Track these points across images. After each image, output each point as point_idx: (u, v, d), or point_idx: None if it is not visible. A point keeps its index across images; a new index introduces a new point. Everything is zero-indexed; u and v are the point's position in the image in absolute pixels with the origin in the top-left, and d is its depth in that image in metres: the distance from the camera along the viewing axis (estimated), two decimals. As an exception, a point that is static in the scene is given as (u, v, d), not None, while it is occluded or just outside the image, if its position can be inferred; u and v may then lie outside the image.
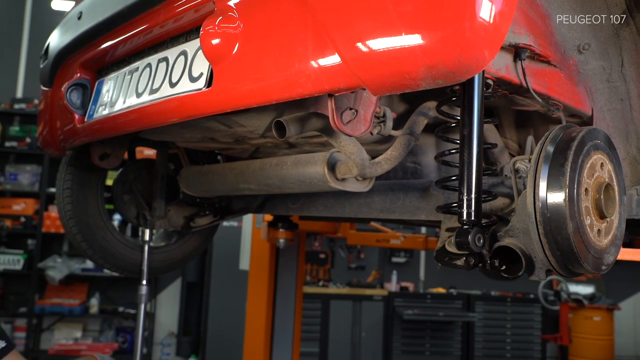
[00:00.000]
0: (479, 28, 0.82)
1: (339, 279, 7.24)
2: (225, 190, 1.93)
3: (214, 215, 2.34)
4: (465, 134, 1.16)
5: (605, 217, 1.12)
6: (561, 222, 1.02)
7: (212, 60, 1.14)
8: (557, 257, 1.06)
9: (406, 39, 0.85)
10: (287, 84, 1.02)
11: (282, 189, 1.69)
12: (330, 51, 0.95)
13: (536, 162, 1.07)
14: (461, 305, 6.85)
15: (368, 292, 6.79)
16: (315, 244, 7.44)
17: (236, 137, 1.73)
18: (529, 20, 1.31)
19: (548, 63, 1.41)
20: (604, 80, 1.52)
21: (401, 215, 1.73)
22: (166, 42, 1.42)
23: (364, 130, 1.17)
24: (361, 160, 1.39)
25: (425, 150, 1.85)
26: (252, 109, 1.34)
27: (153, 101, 1.35)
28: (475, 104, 1.15)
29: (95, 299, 6.51)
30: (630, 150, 1.52)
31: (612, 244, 1.16)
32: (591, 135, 1.12)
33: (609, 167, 1.17)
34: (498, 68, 1.27)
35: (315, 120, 1.24)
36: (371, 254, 7.69)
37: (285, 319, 3.62)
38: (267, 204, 2.29)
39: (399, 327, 6.69)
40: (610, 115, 1.53)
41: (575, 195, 1.04)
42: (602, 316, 6.64)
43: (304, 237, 3.80)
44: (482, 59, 0.85)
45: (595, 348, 6.55)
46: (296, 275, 3.68)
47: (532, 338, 6.96)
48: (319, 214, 2.03)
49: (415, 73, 0.86)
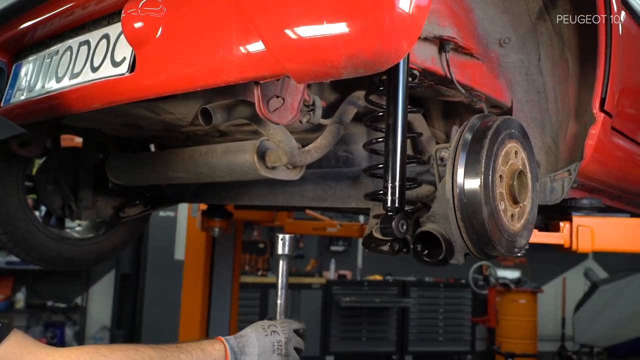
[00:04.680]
0: (397, 19, 0.85)
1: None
2: (155, 179, 1.89)
3: (144, 205, 2.28)
4: (391, 123, 1.19)
5: (518, 202, 1.19)
6: (477, 207, 1.08)
7: (134, 44, 1.11)
8: (474, 241, 1.11)
9: (328, 28, 0.86)
10: (211, 71, 1.01)
11: (213, 178, 1.67)
12: (254, 38, 0.95)
13: (455, 149, 1.12)
14: (397, 292, 7.03)
15: (307, 280, 6.85)
16: (254, 234, 7.41)
17: (165, 125, 1.69)
18: (453, 13, 1.36)
19: (471, 55, 1.47)
20: (522, 73, 1.59)
21: (333, 203, 1.76)
22: (88, 24, 1.37)
23: (291, 118, 1.17)
24: (290, 149, 1.39)
25: (356, 139, 1.88)
26: (178, 96, 1.31)
27: (74, 86, 1.30)
28: (400, 93, 1.19)
29: (22, 293, 6.21)
30: (545, 140, 1.61)
31: (525, 228, 1.23)
32: (506, 125, 1.18)
33: (522, 155, 1.23)
34: (424, 59, 1.30)
35: (243, 108, 1.23)
36: (310, 243, 7.74)
37: (221, 308, 3.60)
38: (200, 192, 2.26)
39: (337, 315, 6.79)
40: (528, 107, 1.61)
41: (490, 181, 1.09)
42: (527, 299, 7.00)
43: (241, 226, 3.78)
44: (401, 49, 0.87)
45: (520, 329, 6.91)
46: (233, 265, 3.66)
47: (462, 321, 7.25)
48: (252, 202, 2.03)
49: (337, 62, 0.87)
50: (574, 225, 1.69)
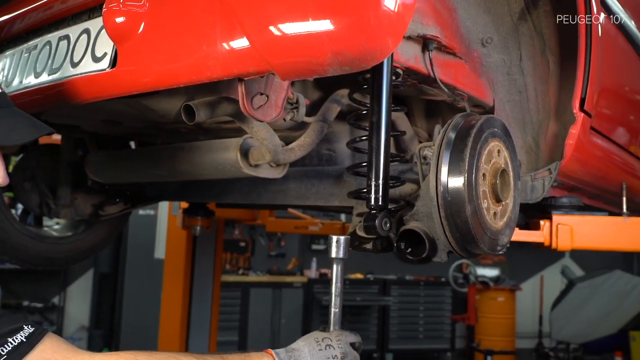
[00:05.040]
0: (383, 17, 0.85)
1: (259, 267, 7.23)
2: (135, 177, 1.87)
3: (124, 203, 2.25)
4: (374, 121, 1.19)
5: (500, 200, 1.20)
6: (460, 205, 1.08)
7: (116, 39, 1.10)
8: (457, 239, 1.12)
9: (314, 25, 0.86)
10: (195, 67, 1.00)
11: (195, 176, 1.66)
12: (239, 35, 0.94)
13: (439, 148, 1.12)
14: (377, 290, 7.06)
15: (288, 279, 6.84)
16: (236, 233, 7.37)
17: (146, 122, 1.67)
18: (436, 12, 1.36)
19: (454, 55, 1.48)
20: (504, 73, 1.61)
21: (316, 201, 1.76)
22: (67, 19, 1.34)
23: (275, 115, 1.17)
24: (274, 146, 1.39)
25: (340, 138, 1.88)
26: (161, 92, 1.30)
27: (53, 82, 1.27)
28: (384, 92, 1.19)
29: (-3, 293, 6.10)
30: (526, 139, 1.63)
31: (507, 226, 1.24)
32: (489, 124, 1.19)
33: (505, 153, 1.24)
34: (407, 58, 1.31)
35: (226, 105, 1.22)
36: (291, 242, 7.73)
37: (202, 308, 3.57)
38: (182, 191, 2.23)
39: (318, 313, 6.80)
40: (510, 106, 1.63)
41: (473, 179, 1.10)
42: (506, 297, 7.09)
43: (222, 224, 3.75)
44: (386, 47, 0.87)
45: (499, 327, 6.99)
46: (214, 264, 3.63)
47: (442, 319, 7.32)
48: (235, 200, 2.02)
49: (322, 59, 0.87)
50: (554, 224, 1.72)
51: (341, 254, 1.21)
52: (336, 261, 1.22)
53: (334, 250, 1.21)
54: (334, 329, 1.22)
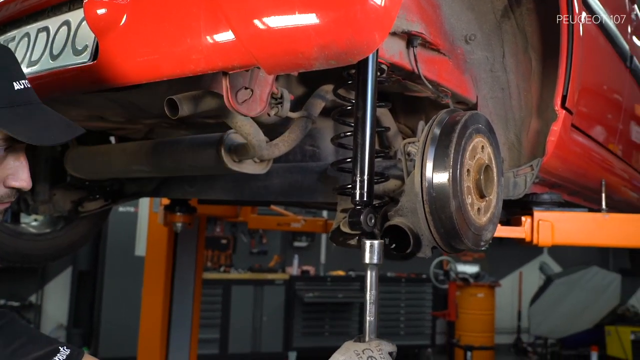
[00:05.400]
0: (370, 10, 0.84)
1: (240, 264, 7.21)
2: (116, 172, 1.84)
3: (104, 199, 2.22)
4: (359, 117, 1.19)
5: (484, 196, 1.20)
6: (445, 200, 1.09)
7: (97, 32, 1.07)
8: (441, 234, 1.12)
9: (300, 18, 0.85)
10: (179, 60, 0.99)
11: (178, 171, 1.64)
12: (224, 27, 0.93)
13: (424, 143, 1.12)
14: (359, 287, 7.08)
15: (270, 276, 6.83)
16: (217, 230, 7.33)
17: (128, 116, 1.65)
18: (421, 9, 1.37)
19: (438, 51, 1.48)
20: (487, 70, 1.62)
21: (299, 197, 1.75)
22: (47, 10, 1.31)
23: (260, 110, 1.16)
24: (258, 142, 1.37)
25: (323, 134, 1.88)
26: (143, 86, 1.28)
27: (31, 74, 1.24)
28: (369, 87, 1.18)
29: (-28, 292, 5.98)
30: (509, 136, 1.65)
31: (490, 222, 1.25)
32: (473, 120, 1.19)
33: (489, 149, 1.25)
34: (392, 54, 1.31)
35: (210, 99, 1.21)
36: (273, 239, 7.72)
37: (183, 305, 3.54)
38: (163, 187, 2.21)
39: (300, 310, 6.80)
40: (493, 103, 1.64)
41: (458, 175, 1.10)
42: (485, 293, 7.18)
43: (204, 221, 3.73)
44: (373, 41, 0.87)
45: (479, 322, 7.07)
46: (195, 261, 3.60)
47: (423, 315, 7.37)
48: (217, 197, 2.00)
49: (308, 52, 0.86)
50: (535, 220, 1.73)
51: (375, 259, 1.16)
52: (370, 267, 1.17)
53: (367, 256, 1.16)
54: (369, 338, 1.17)
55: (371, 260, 1.16)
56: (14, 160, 0.97)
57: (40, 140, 0.97)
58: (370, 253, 1.16)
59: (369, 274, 1.17)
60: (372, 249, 1.15)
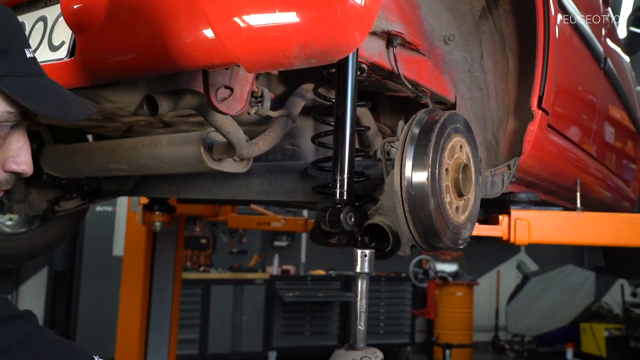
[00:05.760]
0: (350, 10, 0.85)
1: (220, 264, 7.17)
2: (93, 171, 1.82)
3: (81, 198, 2.19)
4: (339, 116, 1.19)
5: (463, 195, 1.22)
6: (424, 199, 1.10)
7: (74, 28, 1.06)
8: (420, 233, 1.13)
9: (280, 16, 0.85)
10: (158, 57, 0.98)
11: (156, 170, 1.62)
12: (203, 25, 0.92)
13: (403, 143, 1.13)
14: (339, 286, 7.10)
15: (250, 276, 6.80)
16: (197, 229, 7.28)
17: (105, 114, 1.63)
18: (400, 9, 1.38)
19: (417, 51, 1.49)
20: (466, 70, 1.64)
21: (280, 196, 1.75)
22: (22, 5, 1.29)
23: (240, 109, 1.16)
24: (238, 140, 1.37)
25: (304, 133, 1.88)
26: (121, 83, 1.27)
27: (6, 70, 1.22)
28: (349, 86, 1.19)
29: (-56, 293, 5.83)
30: (487, 135, 1.67)
31: (469, 220, 1.26)
32: (452, 119, 1.20)
33: (467, 149, 1.27)
34: (372, 53, 1.32)
35: (190, 98, 1.20)
36: (253, 239, 7.69)
37: (162, 306, 3.51)
38: (142, 186, 2.19)
39: (280, 310, 6.79)
40: (471, 103, 1.66)
41: (437, 174, 1.11)
42: (464, 291, 7.26)
43: (183, 220, 3.70)
44: (353, 41, 0.87)
45: (458, 321, 7.15)
46: (174, 260, 3.58)
47: (403, 314, 7.42)
48: (196, 196, 1.99)
49: (289, 51, 0.86)
50: (512, 218, 1.76)
51: (366, 269, 1.17)
52: (362, 276, 1.18)
53: (359, 265, 1.17)
54: (360, 345, 1.18)
55: (362, 269, 1.17)
56: (16, 140, 0.87)
57: (61, 114, 0.85)
58: (362, 262, 1.17)
59: (360, 283, 1.18)
60: (363, 258, 1.16)
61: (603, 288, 8.24)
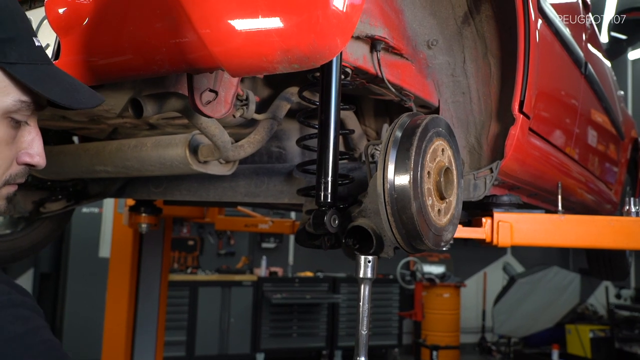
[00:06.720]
0: (332, 16, 0.86)
1: (208, 265, 7.15)
2: (79, 172, 1.81)
3: (67, 199, 2.18)
4: (323, 119, 1.21)
5: (444, 198, 1.24)
6: (406, 202, 1.11)
7: (59, 31, 1.06)
8: (403, 235, 1.15)
9: (264, 21, 0.86)
10: (142, 61, 0.99)
11: (142, 172, 1.63)
12: (188, 29, 0.93)
13: (385, 146, 1.15)
14: (327, 288, 7.11)
15: (237, 278, 6.79)
16: (184, 231, 7.26)
17: (91, 116, 1.63)
18: (384, 14, 1.40)
19: (401, 56, 1.51)
20: (449, 75, 1.66)
21: (265, 199, 1.76)
22: (7, 8, 1.29)
23: (225, 112, 1.17)
24: (223, 143, 1.38)
25: (289, 135, 1.89)
26: (106, 86, 1.27)
27: (-9, 72, 1.22)
28: (333, 90, 1.20)
29: None
30: (469, 139, 1.69)
31: (451, 223, 1.28)
32: (434, 123, 1.22)
33: (449, 152, 1.29)
34: (356, 57, 1.33)
35: (175, 100, 1.21)
36: (241, 240, 7.68)
37: (148, 307, 3.50)
38: (128, 187, 2.19)
39: (268, 312, 6.78)
40: (454, 107, 1.68)
41: (419, 177, 1.13)
42: (451, 293, 7.30)
43: (170, 222, 3.69)
44: (335, 46, 0.89)
45: (445, 322, 7.20)
46: (161, 263, 3.57)
47: (390, 316, 7.44)
48: (183, 198, 1.99)
49: (272, 56, 0.88)
50: (495, 221, 1.79)
51: (369, 274, 1.18)
52: (364, 282, 1.19)
53: (362, 270, 1.18)
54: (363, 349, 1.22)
55: (365, 275, 1.19)
56: (28, 132, 0.86)
57: (73, 102, 0.83)
58: (365, 268, 1.18)
59: (363, 289, 1.19)
60: (366, 264, 1.18)
61: (588, 289, 8.34)
